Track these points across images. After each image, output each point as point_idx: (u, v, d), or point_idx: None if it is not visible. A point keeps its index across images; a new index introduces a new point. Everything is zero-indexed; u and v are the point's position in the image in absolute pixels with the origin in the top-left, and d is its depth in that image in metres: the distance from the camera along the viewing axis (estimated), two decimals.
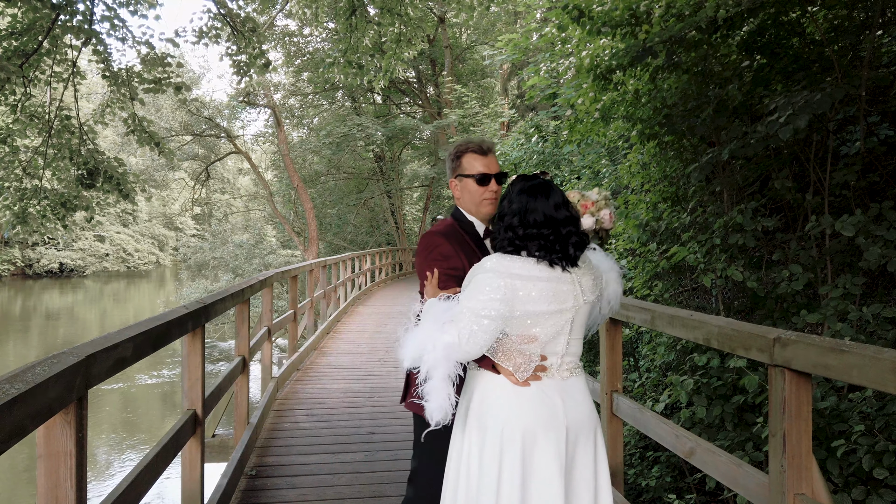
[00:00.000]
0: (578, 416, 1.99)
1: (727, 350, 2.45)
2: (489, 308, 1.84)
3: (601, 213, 2.41)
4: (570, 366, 2.03)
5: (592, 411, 2.06)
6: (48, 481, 1.72)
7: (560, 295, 1.93)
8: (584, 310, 2.02)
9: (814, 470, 2.15)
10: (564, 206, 2.01)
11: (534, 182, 2.04)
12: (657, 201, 5.55)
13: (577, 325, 2.01)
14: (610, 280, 2.20)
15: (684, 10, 4.82)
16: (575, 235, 1.99)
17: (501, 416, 1.93)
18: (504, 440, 1.92)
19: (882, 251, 3.53)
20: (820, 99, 3.71)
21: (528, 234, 1.94)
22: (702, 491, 4.62)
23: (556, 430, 1.93)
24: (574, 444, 1.98)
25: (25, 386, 1.42)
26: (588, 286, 2.03)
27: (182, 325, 2.90)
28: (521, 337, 1.93)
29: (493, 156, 2.36)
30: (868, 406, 3.17)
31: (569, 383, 2.01)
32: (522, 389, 1.94)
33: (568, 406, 1.97)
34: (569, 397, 1.99)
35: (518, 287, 1.88)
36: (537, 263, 1.93)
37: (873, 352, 1.82)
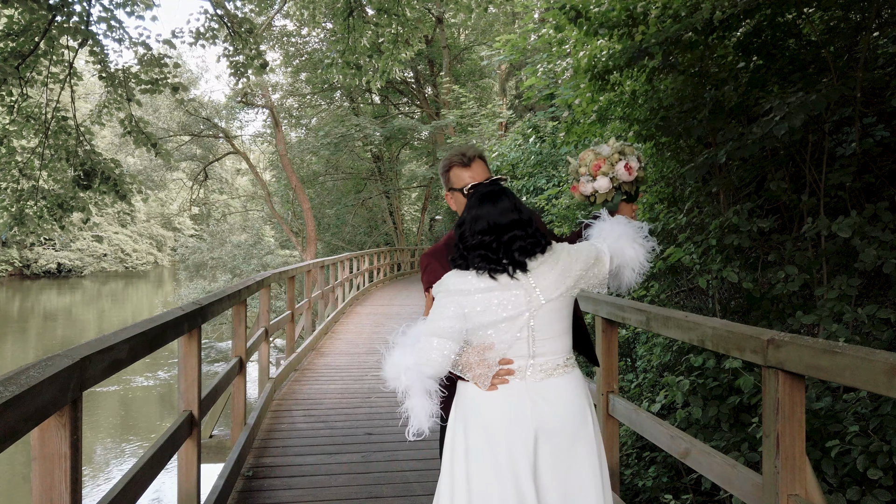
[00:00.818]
0: (552, 418, 1.96)
1: (722, 351, 2.46)
2: (440, 329, 1.94)
3: (616, 168, 2.33)
4: (547, 366, 1.99)
5: (576, 413, 2.01)
6: (43, 483, 1.72)
7: (507, 303, 1.94)
8: (547, 308, 1.98)
9: (807, 471, 2.15)
10: (514, 210, 1.99)
11: (484, 190, 2.05)
12: (654, 202, 5.56)
13: (541, 325, 1.98)
14: (623, 248, 2.14)
15: (681, 12, 4.83)
16: (521, 240, 1.96)
17: (474, 417, 2.00)
18: (474, 439, 1.98)
19: (878, 252, 3.54)
20: (815, 100, 3.72)
21: (472, 245, 1.97)
22: (698, 491, 4.63)
23: (520, 432, 1.94)
24: (549, 445, 1.96)
25: (19, 388, 1.42)
26: (550, 284, 1.98)
27: (178, 327, 2.91)
28: (479, 346, 1.98)
29: (480, 162, 2.37)
30: (862, 407, 3.18)
31: (545, 385, 1.99)
32: (488, 393, 1.98)
33: (539, 408, 1.96)
34: (541, 399, 1.97)
35: (465, 303, 1.94)
36: (478, 276, 1.95)
37: (865, 353, 1.83)
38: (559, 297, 2.00)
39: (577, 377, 2.07)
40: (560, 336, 2.03)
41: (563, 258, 2.04)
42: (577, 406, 2.02)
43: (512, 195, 2.04)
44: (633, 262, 2.16)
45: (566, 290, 2.02)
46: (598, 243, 2.15)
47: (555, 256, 2.02)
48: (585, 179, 2.41)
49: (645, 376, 5.46)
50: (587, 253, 2.10)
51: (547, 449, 1.96)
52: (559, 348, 2.02)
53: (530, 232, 1.98)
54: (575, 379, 2.06)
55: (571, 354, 2.09)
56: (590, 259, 2.09)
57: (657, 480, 4.80)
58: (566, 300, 2.04)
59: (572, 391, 2.03)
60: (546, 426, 1.96)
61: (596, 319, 3.62)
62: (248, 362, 5.08)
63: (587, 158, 2.42)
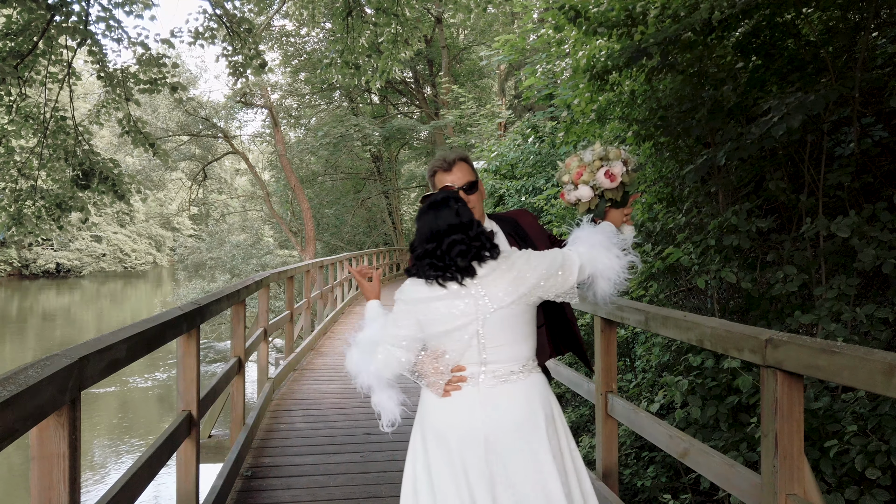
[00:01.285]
0: (501, 425, 1.97)
1: (720, 351, 2.46)
2: (398, 338, 2.02)
3: (597, 176, 2.28)
4: (500, 373, 1.99)
5: (527, 420, 1.99)
6: (41, 483, 1.72)
7: (456, 311, 1.95)
8: (497, 316, 1.97)
9: (805, 470, 2.16)
10: (455, 215, 2.00)
11: (430, 200, 2.08)
12: (653, 202, 5.56)
13: (491, 333, 1.97)
14: (596, 257, 2.11)
15: (679, 12, 4.83)
16: (460, 244, 1.96)
17: (429, 422, 2.05)
18: (431, 445, 2.03)
19: (876, 252, 3.54)
20: (813, 100, 3.72)
21: (419, 254, 2.00)
22: (697, 491, 4.63)
23: (471, 438, 1.96)
24: (500, 451, 1.96)
25: (18, 388, 1.42)
26: (500, 291, 1.96)
27: (177, 327, 2.91)
28: (433, 353, 2.01)
29: (462, 165, 2.37)
30: (861, 406, 3.18)
31: (498, 391, 1.99)
32: (443, 399, 2.01)
33: (489, 414, 1.97)
34: (492, 406, 1.98)
35: (419, 312, 1.99)
36: (428, 285, 1.98)
37: (863, 353, 1.83)
38: (511, 304, 1.97)
39: (533, 384, 2.04)
40: (514, 343, 2.01)
41: (519, 265, 2.00)
42: (529, 412, 2.00)
43: (457, 203, 2.04)
44: (607, 272, 2.12)
45: (519, 297, 1.98)
46: (570, 251, 2.12)
47: (508, 263, 2.00)
48: (568, 188, 2.38)
49: (644, 376, 5.46)
50: (551, 260, 2.05)
51: (498, 455, 1.96)
52: (513, 355, 2.01)
53: (472, 235, 1.98)
54: (530, 385, 2.03)
55: (530, 361, 2.06)
56: (553, 267, 2.04)
57: (656, 480, 4.81)
58: (521, 308, 2.00)
59: (525, 398, 2.00)
60: (496, 432, 1.96)
61: (595, 319, 3.62)
62: (246, 362, 5.08)
63: (571, 165, 2.38)
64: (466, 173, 2.36)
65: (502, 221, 2.53)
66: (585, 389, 3.95)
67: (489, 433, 1.96)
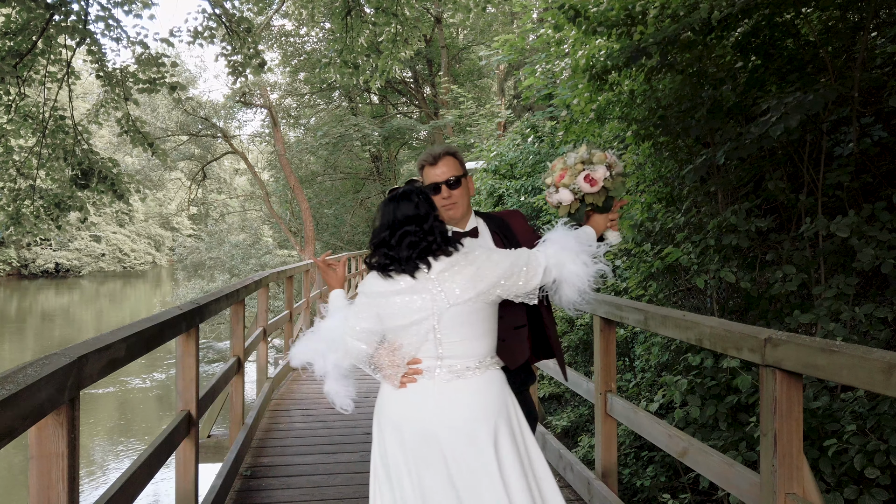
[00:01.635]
0: (454, 421, 1.96)
1: (719, 350, 2.47)
2: (357, 331, 2.05)
3: (577, 179, 2.24)
4: (456, 368, 1.99)
5: (478, 416, 1.98)
6: (40, 482, 1.72)
7: (413, 305, 1.96)
8: (454, 312, 1.96)
9: (805, 470, 2.16)
10: (415, 207, 1.99)
11: (391, 193, 2.07)
12: (652, 202, 5.56)
13: (447, 328, 1.97)
14: (564, 262, 2.06)
15: (679, 11, 4.83)
16: (412, 235, 1.94)
17: (386, 414, 2.08)
18: (388, 437, 2.05)
19: (875, 252, 3.54)
20: (812, 100, 3.72)
21: (375, 244, 2.01)
22: (696, 490, 4.63)
23: (423, 431, 1.97)
24: (451, 445, 1.96)
25: (16, 387, 1.42)
26: (457, 287, 1.95)
27: (176, 326, 2.90)
28: (390, 346, 2.03)
29: (448, 159, 2.37)
30: (860, 406, 3.18)
31: (452, 386, 1.98)
32: (399, 392, 2.03)
33: (441, 408, 1.97)
34: (446, 400, 1.97)
35: (378, 305, 2.01)
36: (382, 278, 1.99)
37: (863, 352, 1.83)
38: (468, 301, 1.96)
39: (489, 380, 2.03)
40: (472, 339, 2.00)
41: (480, 262, 1.98)
42: (481, 408, 1.98)
43: (418, 196, 2.03)
44: (572, 279, 2.07)
45: (477, 294, 1.97)
46: (538, 252, 2.08)
47: (468, 259, 1.98)
48: (550, 191, 2.34)
49: (643, 376, 5.46)
50: (514, 260, 2.02)
51: (449, 448, 1.96)
52: (471, 351, 2.00)
53: (426, 228, 1.96)
54: (486, 382, 2.02)
55: (488, 358, 2.05)
56: (516, 267, 2.01)
57: (655, 480, 4.81)
58: (479, 305, 1.99)
59: (478, 394, 1.99)
60: (447, 427, 1.96)
61: (594, 319, 3.62)
62: (246, 362, 5.08)
63: (555, 167, 2.34)
64: (452, 168, 2.36)
65: (491, 220, 2.51)
66: (585, 389, 3.95)
67: (441, 428, 1.96)
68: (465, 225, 2.43)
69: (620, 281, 6.01)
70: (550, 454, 4.42)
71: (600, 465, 3.60)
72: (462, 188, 2.37)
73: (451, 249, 1.98)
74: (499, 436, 1.98)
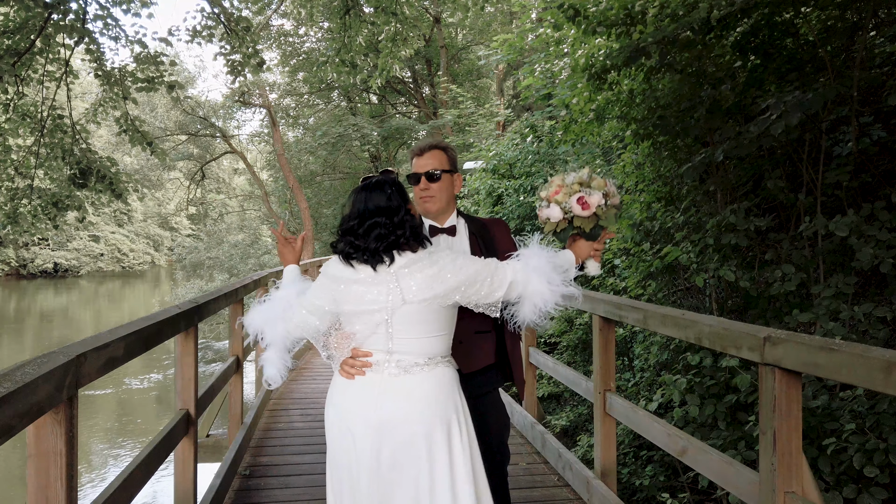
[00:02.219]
0: (395, 417, 1.95)
1: (718, 349, 2.46)
2: (312, 306, 2.08)
3: (571, 199, 2.19)
4: (405, 364, 1.97)
5: (420, 413, 1.95)
6: (38, 481, 1.71)
7: (368, 296, 1.95)
8: (408, 309, 1.94)
9: (804, 468, 2.16)
10: (387, 199, 1.96)
11: (364, 181, 2.05)
12: (651, 201, 5.56)
13: (400, 324, 1.95)
14: (530, 279, 2.02)
15: (678, 11, 4.83)
16: (380, 227, 1.92)
17: (333, 403, 2.10)
18: (334, 425, 2.07)
19: (874, 251, 3.55)
20: (812, 99, 3.72)
21: (343, 231, 2.00)
22: (695, 490, 4.63)
23: (365, 423, 1.96)
24: (390, 440, 1.94)
25: (14, 385, 1.42)
26: (415, 285, 1.93)
27: (175, 325, 2.90)
28: (342, 333, 2.05)
29: (435, 153, 2.38)
30: (859, 405, 3.18)
31: (398, 381, 1.97)
32: (348, 382, 2.03)
33: (384, 403, 1.96)
34: (391, 395, 1.96)
35: (336, 290, 2.01)
36: (344, 265, 1.98)
37: (862, 350, 1.83)
38: (424, 301, 1.94)
39: (436, 378, 1.99)
40: (424, 337, 1.99)
41: (442, 264, 1.95)
42: (423, 406, 1.96)
43: (391, 187, 2.00)
44: (535, 298, 2.03)
45: (434, 296, 1.94)
46: (507, 265, 2.05)
47: (432, 259, 1.95)
48: (542, 204, 2.28)
49: (642, 375, 5.46)
50: (480, 268, 1.98)
51: (387, 442, 1.95)
52: (422, 349, 1.99)
53: (396, 221, 1.93)
54: (432, 379, 1.99)
55: (439, 357, 2.02)
56: (480, 275, 1.97)
57: (654, 479, 4.81)
58: (436, 306, 1.96)
59: (421, 391, 1.97)
60: (387, 421, 1.95)
61: (593, 318, 3.62)
62: (244, 361, 5.07)
63: (553, 182, 2.30)
64: (436, 161, 2.36)
65: (473, 222, 2.49)
66: (584, 388, 3.95)
67: (380, 421, 1.95)
68: (444, 221, 2.42)
69: (619, 280, 6.01)
70: (549, 453, 4.41)
71: (599, 464, 3.60)
72: (443, 183, 2.36)
73: (417, 246, 1.95)
74: (435, 434, 1.95)
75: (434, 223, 2.43)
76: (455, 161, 2.46)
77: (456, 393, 2.06)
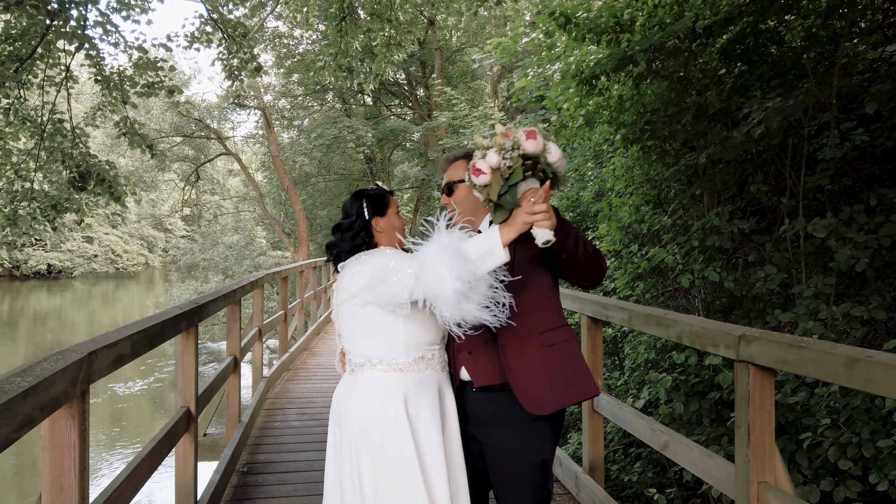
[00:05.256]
0: (333, 409, 2.18)
1: (698, 347, 2.58)
2: None
3: (518, 133, 1.83)
4: (352, 364, 2.13)
5: (338, 410, 2.12)
6: (53, 471, 1.81)
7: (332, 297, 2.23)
8: (340, 310, 2.14)
9: (777, 459, 2.27)
10: (346, 216, 2.22)
11: (352, 195, 2.30)
12: (640, 204, 5.68)
13: (340, 324, 2.17)
14: (429, 280, 1.87)
15: (665, 19, 4.96)
16: (333, 234, 2.21)
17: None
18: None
19: (852, 252, 3.67)
20: (792, 105, 3.85)
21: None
22: (682, 486, 4.75)
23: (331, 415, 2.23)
24: (336, 431, 2.16)
25: (35, 379, 1.52)
26: (339, 288, 2.15)
27: (176, 325, 3.00)
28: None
29: (458, 164, 2.20)
30: (834, 401, 3.31)
31: (348, 380, 2.16)
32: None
33: (335, 397, 2.20)
34: (340, 392, 2.17)
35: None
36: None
37: (828, 347, 1.95)
38: (345, 302, 2.09)
39: (362, 381, 2.06)
40: (357, 337, 2.09)
41: (355, 267, 2.07)
42: (341, 406, 2.10)
43: (356, 200, 2.22)
44: (430, 297, 1.86)
45: (348, 297, 2.05)
46: (409, 267, 1.93)
47: (357, 261, 2.10)
48: (478, 156, 1.86)
49: (632, 374, 5.58)
50: (379, 272, 1.97)
51: (331, 433, 2.20)
52: (358, 349, 2.10)
53: (339, 233, 2.19)
54: (357, 381, 2.08)
55: (374, 359, 2.05)
56: (383, 274, 1.96)
57: (643, 475, 4.93)
58: (359, 308, 2.04)
59: (345, 390, 2.13)
60: (333, 413, 2.19)
61: (581, 317, 3.74)
62: (241, 361, 5.16)
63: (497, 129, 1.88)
64: (455, 174, 2.20)
65: None
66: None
67: (333, 415, 2.19)
68: (477, 225, 2.20)
69: (609, 281, 6.13)
70: None
71: (587, 459, 3.71)
72: (459, 194, 2.17)
73: (350, 257, 2.13)
74: (340, 436, 2.11)
75: (472, 231, 2.09)
76: None
77: (370, 400, 2.02)
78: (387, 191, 2.27)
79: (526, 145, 1.80)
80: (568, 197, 7.29)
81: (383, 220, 2.19)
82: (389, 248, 2.16)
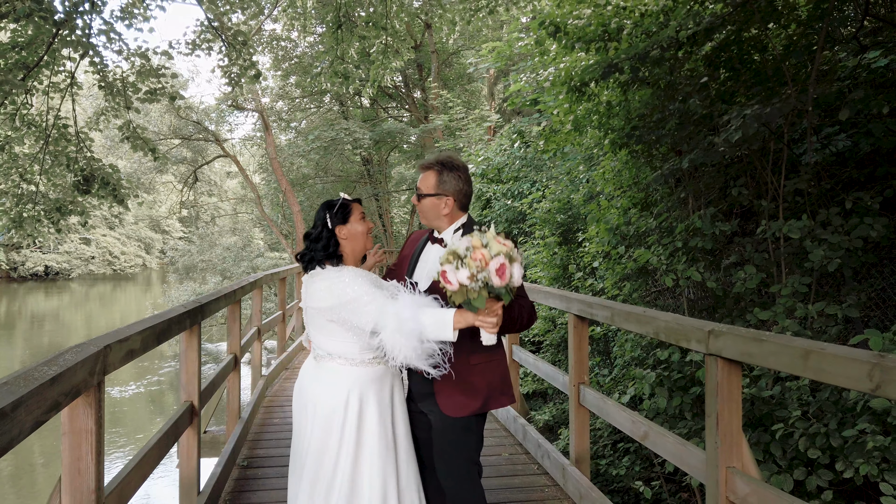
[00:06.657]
0: (301, 393, 2.53)
1: (673, 342, 2.75)
2: None
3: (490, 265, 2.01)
4: (315, 352, 2.52)
5: (302, 394, 2.52)
6: (72, 455, 1.97)
7: None
8: (308, 310, 2.45)
9: (744, 446, 2.44)
10: (313, 226, 2.49)
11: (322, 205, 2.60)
12: (628, 206, 5.86)
13: (307, 319, 2.49)
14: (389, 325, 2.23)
15: (651, 28, 5.14)
16: (304, 242, 2.48)
17: None
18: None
19: (825, 253, 3.85)
20: (770, 112, 4.03)
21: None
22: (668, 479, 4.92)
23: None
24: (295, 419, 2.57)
25: (60, 368, 1.68)
26: (303, 294, 2.46)
27: (181, 323, 3.16)
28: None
29: (426, 175, 2.53)
30: (805, 394, 3.48)
31: (312, 364, 2.54)
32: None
33: (301, 381, 2.57)
34: (303, 375, 2.57)
35: None
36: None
37: (785, 340, 2.12)
38: (307, 308, 2.44)
39: (326, 371, 2.46)
40: (319, 335, 2.47)
41: (323, 282, 2.37)
42: (300, 389, 2.55)
43: (322, 211, 2.49)
44: (397, 354, 2.23)
45: (307, 307, 2.44)
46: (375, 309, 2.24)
47: (320, 276, 2.40)
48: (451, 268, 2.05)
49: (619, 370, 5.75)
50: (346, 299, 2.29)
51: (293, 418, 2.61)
52: (319, 343, 2.48)
53: (309, 242, 2.47)
54: (317, 369, 2.49)
55: (332, 354, 2.44)
56: (349, 307, 2.29)
57: (630, 469, 5.09)
58: (317, 315, 2.41)
59: (312, 378, 2.50)
60: (298, 398, 2.57)
61: (568, 316, 3.91)
62: (241, 359, 5.32)
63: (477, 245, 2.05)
64: (424, 184, 2.51)
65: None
66: (561, 382, 4.23)
67: (296, 399, 2.58)
68: (439, 232, 2.55)
69: (599, 281, 6.31)
70: (530, 444, 4.69)
71: (574, 451, 3.87)
72: (427, 202, 2.49)
73: (327, 263, 2.42)
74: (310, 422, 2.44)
75: (436, 232, 2.57)
76: (450, 181, 2.47)
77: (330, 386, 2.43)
78: (349, 200, 2.55)
79: (494, 280, 2.02)
80: (560, 199, 7.46)
81: (346, 228, 2.47)
82: (354, 271, 2.41)
